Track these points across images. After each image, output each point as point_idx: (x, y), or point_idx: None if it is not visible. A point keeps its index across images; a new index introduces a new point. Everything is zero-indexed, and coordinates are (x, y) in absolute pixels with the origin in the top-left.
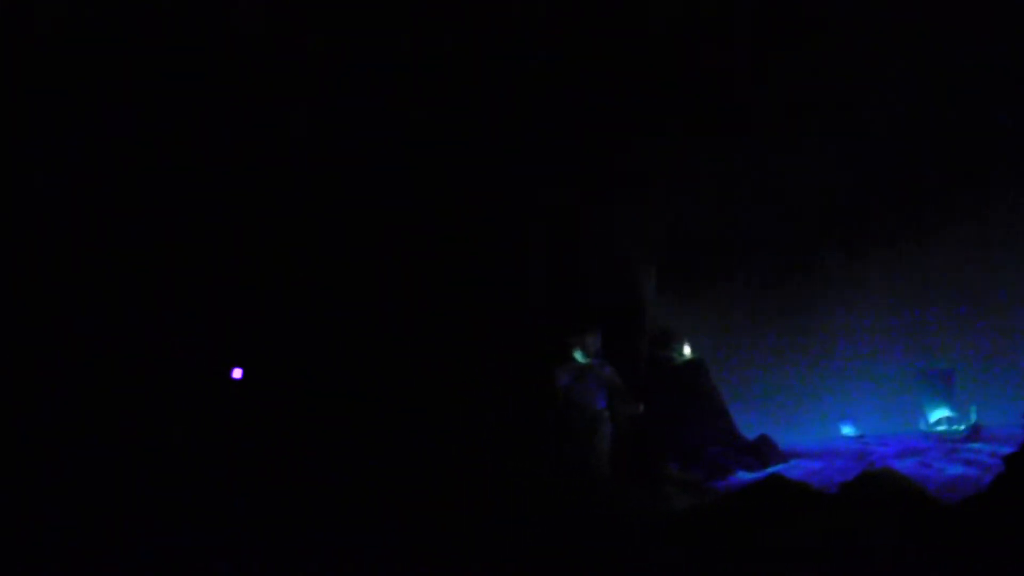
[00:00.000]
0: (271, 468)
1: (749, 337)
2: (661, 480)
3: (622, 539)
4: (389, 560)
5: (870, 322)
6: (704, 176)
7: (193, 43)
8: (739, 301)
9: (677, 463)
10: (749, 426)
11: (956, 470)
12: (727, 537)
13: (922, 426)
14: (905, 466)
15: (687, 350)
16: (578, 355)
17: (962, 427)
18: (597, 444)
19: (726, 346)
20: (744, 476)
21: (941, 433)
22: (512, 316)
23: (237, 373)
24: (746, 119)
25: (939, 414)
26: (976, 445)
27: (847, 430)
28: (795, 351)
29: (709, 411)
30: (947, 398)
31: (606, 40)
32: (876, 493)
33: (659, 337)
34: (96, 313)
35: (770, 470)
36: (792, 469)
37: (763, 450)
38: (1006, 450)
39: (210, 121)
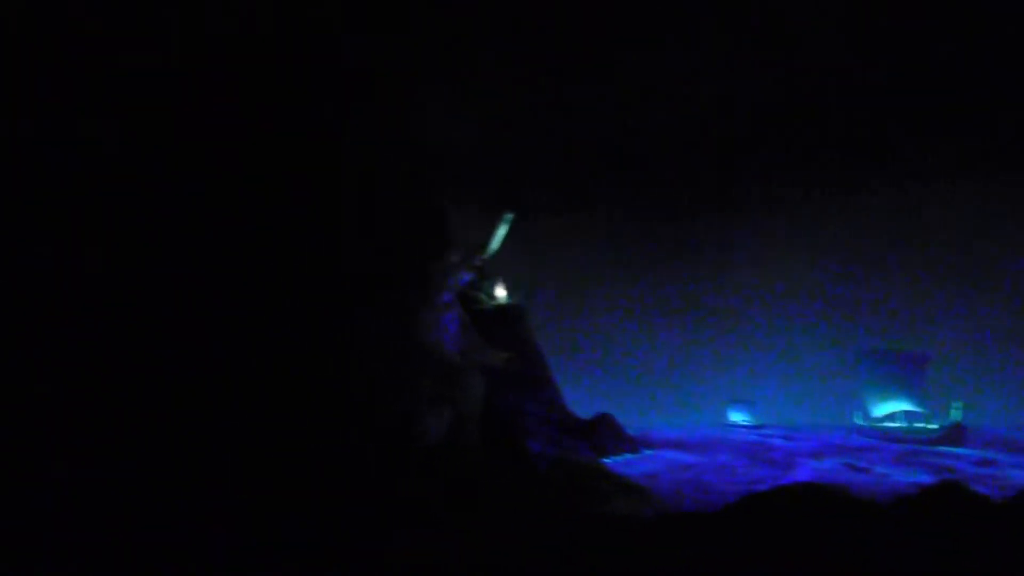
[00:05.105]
0: None
1: (605, 289)
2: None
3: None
4: None
5: (785, 285)
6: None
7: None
8: (595, 244)
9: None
10: (591, 401)
11: (909, 478)
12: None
13: (857, 420)
14: (824, 468)
15: (500, 292)
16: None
17: (934, 426)
18: (464, 403)
19: (573, 297)
20: None
21: (889, 431)
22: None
23: None
24: None
25: (891, 407)
26: (957, 450)
27: (737, 416)
28: (674, 310)
29: (527, 375)
30: (911, 389)
31: None
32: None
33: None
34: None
35: (606, 460)
36: (642, 461)
37: (601, 434)
38: (1004, 458)
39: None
